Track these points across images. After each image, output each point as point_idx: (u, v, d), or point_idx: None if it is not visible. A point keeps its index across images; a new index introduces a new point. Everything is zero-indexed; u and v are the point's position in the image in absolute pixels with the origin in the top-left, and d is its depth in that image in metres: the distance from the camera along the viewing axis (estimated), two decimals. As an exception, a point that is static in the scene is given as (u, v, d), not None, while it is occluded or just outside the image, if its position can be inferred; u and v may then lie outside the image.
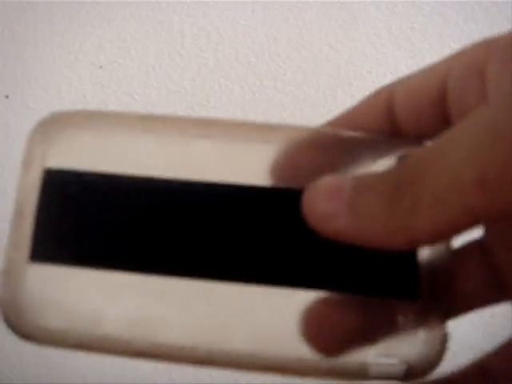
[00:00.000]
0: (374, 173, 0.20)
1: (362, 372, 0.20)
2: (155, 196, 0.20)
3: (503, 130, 0.16)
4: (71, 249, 0.20)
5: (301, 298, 0.20)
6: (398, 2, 0.55)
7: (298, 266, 0.21)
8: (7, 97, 0.54)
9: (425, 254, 0.21)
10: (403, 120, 0.24)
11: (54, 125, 0.22)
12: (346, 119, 0.25)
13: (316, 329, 0.21)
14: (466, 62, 0.22)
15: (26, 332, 0.20)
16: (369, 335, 0.21)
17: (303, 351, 0.20)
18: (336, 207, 0.19)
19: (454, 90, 0.22)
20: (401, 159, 0.22)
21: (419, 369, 0.21)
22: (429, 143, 0.20)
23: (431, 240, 0.19)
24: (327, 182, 0.20)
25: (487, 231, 0.23)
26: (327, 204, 0.19)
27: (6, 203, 0.58)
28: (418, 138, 0.22)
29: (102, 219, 0.20)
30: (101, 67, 0.54)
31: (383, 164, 0.22)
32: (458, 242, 0.23)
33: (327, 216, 0.19)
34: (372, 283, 0.21)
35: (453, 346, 0.24)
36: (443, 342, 0.21)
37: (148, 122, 0.21)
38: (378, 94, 0.25)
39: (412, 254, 0.21)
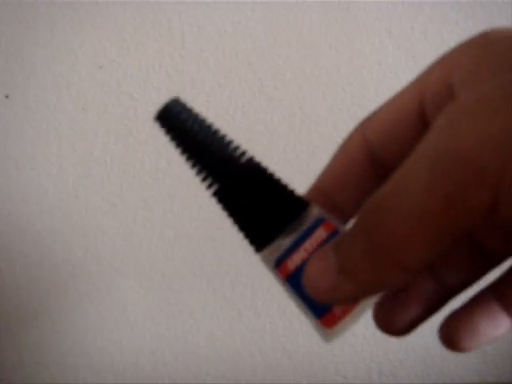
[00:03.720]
0: (347, 234, 0.22)
1: None
2: None
3: (452, 156, 0.18)
4: None
5: None
6: (397, 2, 0.55)
7: None
8: (7, 97, 0.54)
9: None
10: (383, 154, 0.24)
11: None
12: (329, 178, 0.26)
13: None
14: (437, 83, 0.22)
15: None
16: None
17: None
18: (332, 279, 0.22)
19: (431, 112, 0.23)
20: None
21: None
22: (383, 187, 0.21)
23: (422, 269, 0.20)
24: (317, 262, 0.22)
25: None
26: (325, 281, 0.22)
27: (6, 203, 0.58)
28: None
29: None
30: (101, 67, 0.54)
31: None
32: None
33: (329, 290, 0.22)
34: None
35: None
36: None
37: None
38: (349, 142, 0.26)
39: None
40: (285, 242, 0.24)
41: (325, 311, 0.24)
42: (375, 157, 0.25)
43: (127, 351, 0.56)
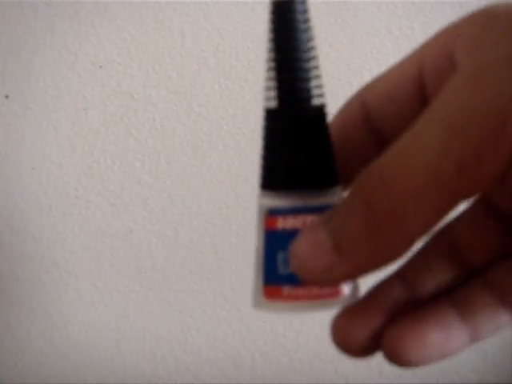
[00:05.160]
0: (340, 206, 0.19)
1: None
2: None
3: (468, 115, 0.17)
4: None
5: None
6: (398, 1, 0.55)
7: None
8: (7, 97, 0.54)
9: None
10: (381, 121, 0.23)
11: None
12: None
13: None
14: (437, 50, 0.22)
15: None
16: None
17: None
18: (327, 260, 0.19)
19: (430, 79, 0.22)
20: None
21: None
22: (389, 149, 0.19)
23: (425, 230, 0.19)
24: (306, 240, 0.20)
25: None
26: (317, 262, 0.19)
27: (6, 203, 0.58)
28: None
29: None
30: (101, 67, 0.54)
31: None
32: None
33: (322, 272, 0.19)
34: None
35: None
36: None
37: None
38: (346, 107, 0.25)
39: None
40: (292, 200, 0.22)
41: (275, 282, 0.22)
42: (374, 125, 0.24)
43: (127, 351, 0.56)
